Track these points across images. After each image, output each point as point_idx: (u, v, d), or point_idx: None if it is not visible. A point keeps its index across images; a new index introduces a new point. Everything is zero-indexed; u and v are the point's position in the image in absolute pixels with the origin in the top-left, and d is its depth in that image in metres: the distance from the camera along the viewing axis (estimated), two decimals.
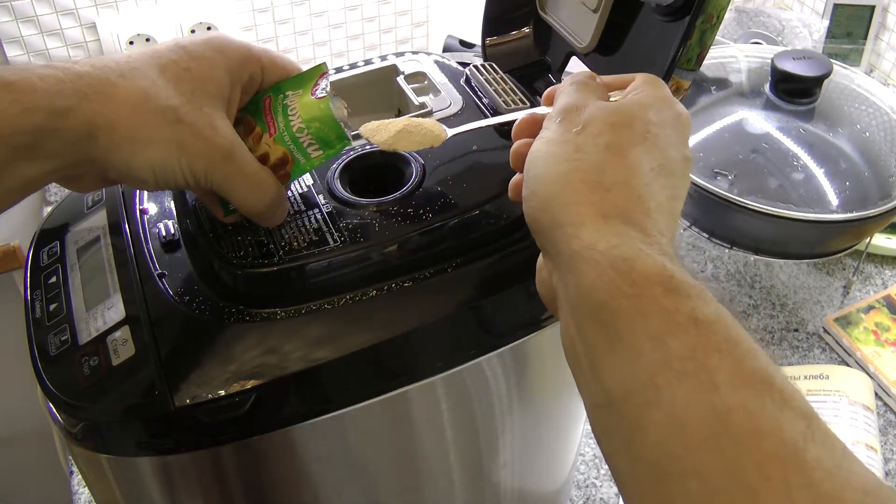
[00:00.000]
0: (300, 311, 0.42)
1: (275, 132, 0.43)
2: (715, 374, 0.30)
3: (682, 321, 0.31)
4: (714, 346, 0.31)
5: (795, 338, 0.90)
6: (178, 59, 0.40)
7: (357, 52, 1.25)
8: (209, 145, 0.39)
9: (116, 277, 0.44)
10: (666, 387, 0.30)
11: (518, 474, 0.57)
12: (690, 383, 0.30)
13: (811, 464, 0.28)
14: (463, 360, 0.45)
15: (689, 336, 0.31)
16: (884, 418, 0.82)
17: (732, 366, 0.30)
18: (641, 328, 0.32)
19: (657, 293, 0.32)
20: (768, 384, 0.30)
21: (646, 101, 0.39)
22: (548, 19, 0.56)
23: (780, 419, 0.29)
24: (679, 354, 0.31)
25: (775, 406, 0.29)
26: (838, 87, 0.92)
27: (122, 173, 0.39)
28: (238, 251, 0.43)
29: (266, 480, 0.44)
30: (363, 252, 0.43)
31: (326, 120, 0.43)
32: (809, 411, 0.30)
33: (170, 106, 0.39)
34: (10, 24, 1.01)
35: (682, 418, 0.30)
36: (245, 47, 0.43)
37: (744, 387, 0.30)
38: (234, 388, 0.39)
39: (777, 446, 0.28)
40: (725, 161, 0.84)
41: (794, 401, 0.30)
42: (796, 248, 0.85)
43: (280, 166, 0.43)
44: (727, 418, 0.29)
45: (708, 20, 0.41)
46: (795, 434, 0.28)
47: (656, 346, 0.31)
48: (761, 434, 0.28)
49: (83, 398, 0.39)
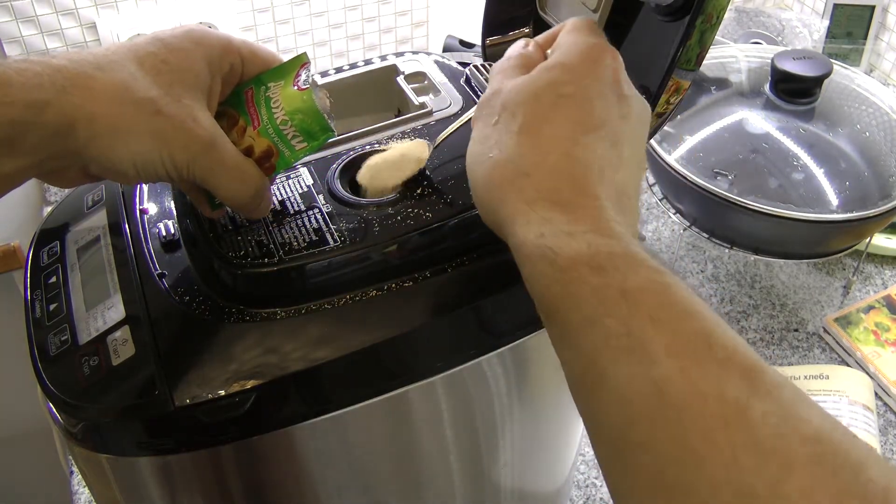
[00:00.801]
0: (300, 311, 0.42)
1: (258, 125, 0.43)
2: (651, 345, 0.30)
3: (612, 296, 0.31)
4: (647, 316, 0.31)
5: (795, 338, 0.90)
6: (156, 52, 0.40)
7: (357, 52, 1.25)
8: (190, 136, 0.39)
9: (116, 277, 0.44)
10: (608, 366, 0.31)
11: (518, 474, 0.57)
12: (629, 359, 0.30)
13: (755, 421, 0.28)
14: (463, 360, 0.45)
15: (620, 311, 0.31)
16: (884, 418, 0.82)
17: (668, 333, 0.30)
18: (577, 312, 0.32)
19: (584, 273, 0.32)
20: (707, 343, 0.30)
21: (555, 62, 0.37)
22: (548, 19, 0.56)
23: (721, 378, 0.29)
24: (615, 332, 0.31)
25: (716, 365, 0.29)
26: (838, 87, 0.92)
27: (102, 166, 0.38)
28: (238, 251, 0.43)
29: (266, 480, 0.44)
30: (363, 252, 0.43)
31: (310, 112, 0.42)
32: (754, 363, 0.30)
33: (148, 97, 0.38)
34: (10, 24, 1.01)
35: (626, 395, 0.30)
36: (224, 38, 0.43)
37: (681, 352, 0.30)
38: (234, 388, 0.39)
39: (719, 408, 0.28)
40: (725, 161, 0.84)
41: (737, 355, 0.30)
42: (796, 248, 0.85)
43: (265, 159, 0.43)
44: (667, 388, 0.29)
45: (708, 20, 0.41)
46: (738, 391, 0.28)
47: (593, 327, 0.31)
48: (703, 398, 0.28)
49: (83, 398, 0.39)
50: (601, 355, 0.31)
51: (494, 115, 0.37)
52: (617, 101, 0.37)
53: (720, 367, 0.29)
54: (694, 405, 0.28)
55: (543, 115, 0.36)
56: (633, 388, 0.30)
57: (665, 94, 0.43)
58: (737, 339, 0.31)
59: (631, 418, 0.30)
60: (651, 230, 1.04)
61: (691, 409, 0.28)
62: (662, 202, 0.91)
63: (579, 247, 0.33)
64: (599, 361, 0.31)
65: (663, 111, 0.45)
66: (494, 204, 0.36)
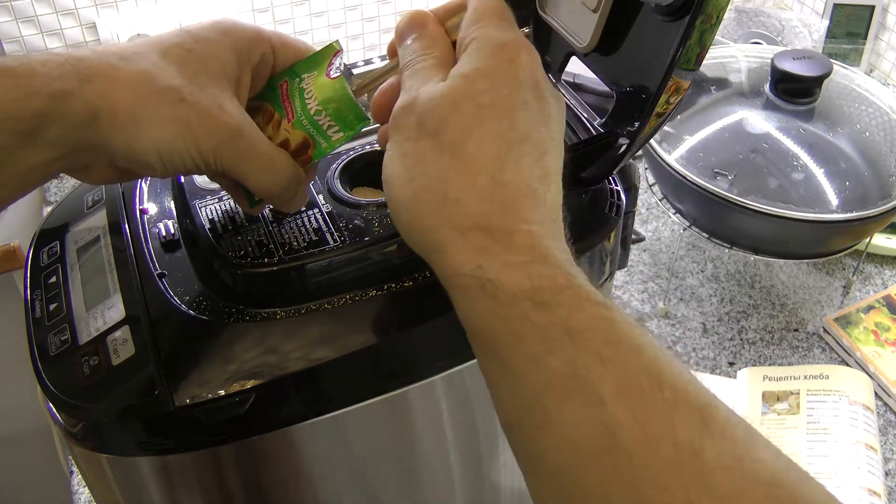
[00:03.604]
0: (300, 311, 0.42)
1: (293, 117, 0.42)
2: (599, 386, 0.28)
3: (557, 335, 0.30)
4: (594, 354, 0.29)
5: (795, 338, 0.90)
6: (181, 42, 0.40)
7: (357, 52, 1.25)
8: (215, 124, 0.38)
9: (116, 277, 0.44)
10: (554, 408, 0.29)
11: (518, 474, 0.56)
12: (576, 401, 0.29)
13: (709, 464, 0.27)
14: (463, 360, 0.45)
15: (566, 350, 0.29)
16: (884, 418, 0.82)
17: (616, 372, 0.29)
18: (519, 350, 0.30)
19: (527, 309, 0.30)
20: (657, 382, 0.29)
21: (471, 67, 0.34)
22: (547, 19, 0.56)
23: (672, 419, 0.28)
24: (560, 372, 0.29)
25: (666, 405, 0.28)
26: (838, 87, 0.92)
27: (127, 158, 0.38)
28: (238, 251, 0.43)
29: (266, 480, 0.44)
30: (363, 252, 0.43)
31: (343, 100, 0.42)
32: (706, 401, 0.28)
33: (172, 86, 0.38)
34: (10, 24, 1.01)
35: (573, 438, 0.29)
36: (253, 29, 0.42)
37: (630, 393, 0.28)
38: (234, 388, 0.39)
39: (671, 452, 0.27)
40: (725, 161, 0.84)
41: (688, 393, 0.29)
42: (796, 248, 0.85)
43: (301, 151, 0.42)
44: (617, 431, 0.28)
45: (707, 20, 0.41)
46: (691, 432, 0.27)
47: (537, 366, 0.30)
48: (655, 441, 0.27)
49: (83, 398, 0.39)
50: (545, 396, 0.29)
51: (411, 129, 0.34)
52: (538, 107, 0.35)
53: (671, 408, 0.28)
54: (645, 449, 0.27)
55: (466, 130, 0.33)
56: (582, 431, 0.28)
57: (665, 94, 0.43)
58: (687, 374, 0.29)
59: (579, 463, 0.28)
60: (651, 230, 1.04)
61: (643, 454, 0.27)
62: (662, 202, 0.91)
63: (520, 279, 0.31)
64: (543, 401, 0.29)
65: (663, 111, 0.45)
66: (421, 231, 0.34)
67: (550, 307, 0.30)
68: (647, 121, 0.44)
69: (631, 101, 0.45)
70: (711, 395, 0.29)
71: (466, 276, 0.32)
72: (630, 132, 0.45)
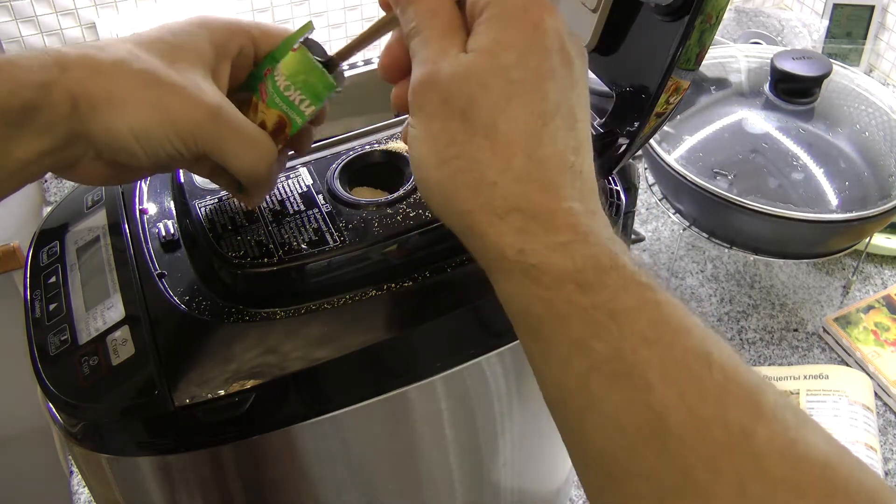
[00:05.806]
0: (300, 311, 0.42)
1: (266, 97, 0.42)
2: (646, 370, 0.28)
3: (602, 318, 0.29)
4: (640, 337, 0.29)
5: (795, 338, 0.90)
6: (160, 36, 0.40)
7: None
8: (192, 104, 0.38)
9: (116, 277, 0.44)
10: (599, 392, 0.29)
11: (518, 474, 0.57)
12: (623, 385, 0.28)
13: (762, 448, 0.26)
14: (463, 360, 0.45)
15: (611, 334, 0.29)
16: (883, 418, 0.82)
17: (663, 354, 0.28)
18: (563, 333, 0.30)
19: (571, 292, 0.30)
20: (706, 363, 0.28)
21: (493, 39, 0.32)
22: None
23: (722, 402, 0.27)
24: (606, 356, 0.29)
25: (716, 387, 0.28)
26: (838, 87, 0.92)
27: (108, 146, 0.38)
28: (238, 251, 0.43)
29: (266, 480, 0.44)
30: (363, 252, 0.43)
31: (309, 70, 0.41)
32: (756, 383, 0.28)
33: (146, 69, 0.38)
34: (10, 24, 1.01)
35: (620, 421, 0.28)
36: (231, 21, 0.42)
37: (678, 375, 0.28)
38: (234, 388, 0.39)
39: (722, 435, 0.26)
40: (725, 161, 0.84)
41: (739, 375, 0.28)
42: (796, 248, 0.85)
43: (279, 131, 0.42)
44: (665, 415, 0.27)
45: (707, 20, 0.41)
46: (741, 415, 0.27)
47: (581, 350, 0.29)
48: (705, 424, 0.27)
49: (83, 398, 0.39)
50: (590, 379, 0.29)
51: (436, 106, 0.33)
52: (566, 73, 0.33)
53: (721, 390, 0.27)
54: (696, 432, 0.27)
55: (497, 108, 0.32)
56: (629, 415, 0.28)
57: (665, 94, 0.43)
58: (735, 356, 0.29)
59: (627, 447, 0.28)
60: (651, 230, 1.04)
61: (693, 437, 0.27)
62: (662, 202, 0.91)
63: (564, 262, 0.30)
64: (589, 386, 0.29)
65: (663, 111, 0.45)
66: (456, 215, 0.33)
67: (595, 289, 0.30)
68: (647, 121, 0.44)
69: (630, 100, 0.45)
70: (761, 378, 0.28)
71: (510, 260, 0.31)
72: (630, 132, 0.45)
